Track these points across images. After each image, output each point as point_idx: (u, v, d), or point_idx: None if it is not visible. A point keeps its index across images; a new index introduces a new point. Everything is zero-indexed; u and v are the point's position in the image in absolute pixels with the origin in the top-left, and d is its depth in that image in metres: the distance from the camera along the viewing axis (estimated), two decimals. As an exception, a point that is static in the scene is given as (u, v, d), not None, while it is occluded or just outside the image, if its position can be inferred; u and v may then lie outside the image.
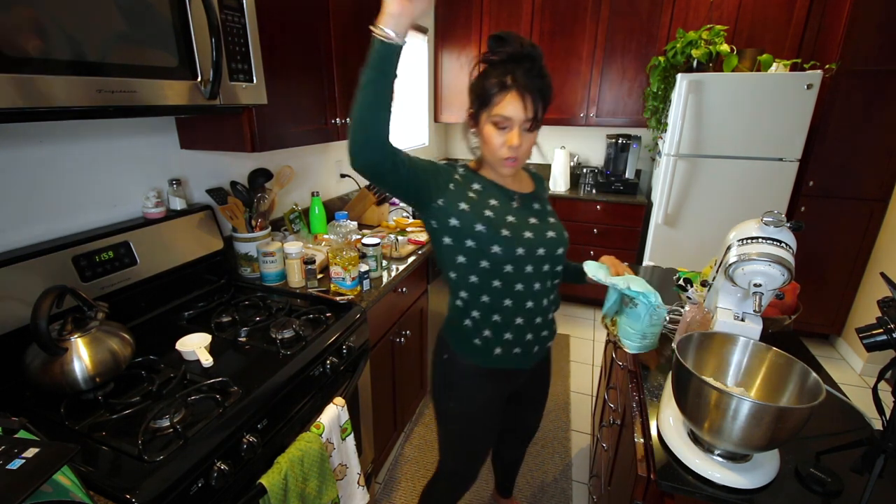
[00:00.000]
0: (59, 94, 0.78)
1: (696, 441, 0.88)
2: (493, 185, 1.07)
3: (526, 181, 1.16)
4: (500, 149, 0.98)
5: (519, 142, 0.97)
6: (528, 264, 1.03)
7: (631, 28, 2.95)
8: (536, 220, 1.08)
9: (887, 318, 0.76)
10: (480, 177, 1.07)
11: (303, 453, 1.03)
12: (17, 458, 0.58)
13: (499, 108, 0.95)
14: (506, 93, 0.94)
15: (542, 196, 1.16)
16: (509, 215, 1.03)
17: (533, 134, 1.00)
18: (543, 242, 1.05)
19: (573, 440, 2.13)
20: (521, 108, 0.94)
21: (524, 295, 1.06)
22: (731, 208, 2.66)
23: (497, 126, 0.97)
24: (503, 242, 1.00)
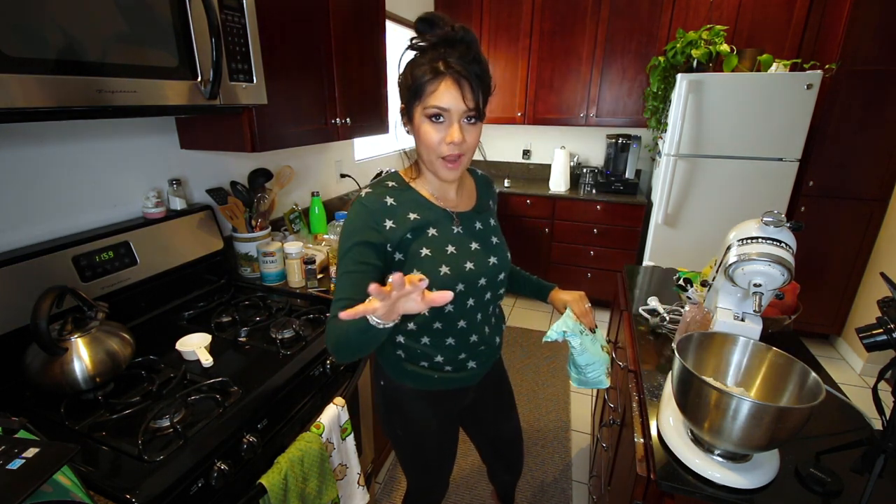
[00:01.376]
0: (60, 94, 0.78)
1: (696, 441, 0.88)
2: (429, 207, 0.94)
3: (468, 189, 1.04)
4: (438, 146, 0.85)
5: (461, 136, 0.83)
6: (468, 298, 0.95)
7: (631, 28, 2.95)
8: (478, 244, 0.97)
9: (887, 318, 0.76)
10: (415, 197, 0.94)
11: (303, 453, 1.03)
12: (17, 458, 0.58)
13: (433, 98, 0.82)
14: (439, 80, 0.81)
15: (485, 209, 1.04)
16: (450, 244, 0.93)
17: (476, 127, 0.87)
18: (486, 271, 0.96)
19: (573, 440, 2.13)
20: (458, 97, 0.81)
21: (466, 328, 0.98)
22: (731, 208, 2.66)
23: (433, 120, 0.84)
24: (441, 283, 0.88)
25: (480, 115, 0.85)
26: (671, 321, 1.36)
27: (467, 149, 0.87)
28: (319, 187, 2.24)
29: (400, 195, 0.93)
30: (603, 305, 3.42)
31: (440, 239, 0.92)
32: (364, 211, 0.88)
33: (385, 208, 0.89)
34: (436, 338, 0.98)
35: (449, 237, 0.94)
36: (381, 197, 0.91)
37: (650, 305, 1.43)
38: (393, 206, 0.90)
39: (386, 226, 0.88)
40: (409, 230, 0.90)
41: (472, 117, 0.85)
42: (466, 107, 0.82)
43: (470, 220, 0.99)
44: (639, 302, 1.53)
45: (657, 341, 1.30)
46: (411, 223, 0.90)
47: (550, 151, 3.62)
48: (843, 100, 2.43)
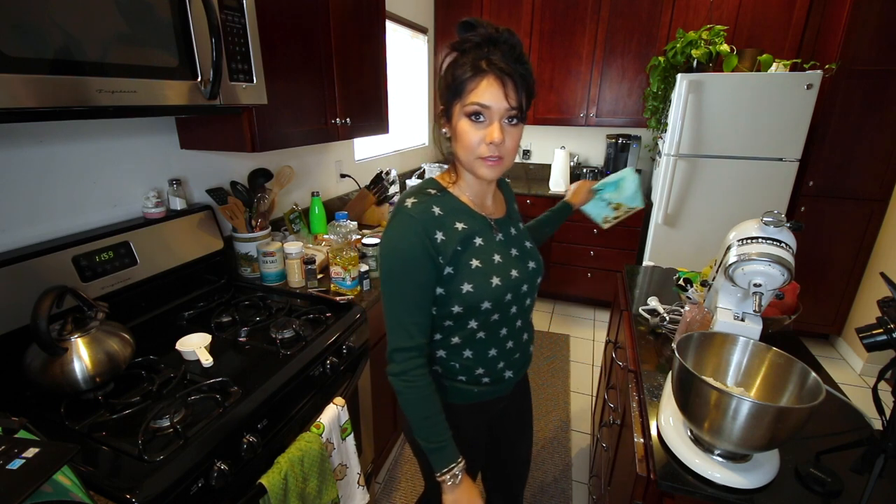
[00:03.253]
0: (60, 94, 0.78)
1: (696, 441, 0.88)
2: (472, 216, 0.91)
3: (499, 196, 1.02)
4: (477, 147, 0.81)
5: (501, 136, 0.79)
6: (513, 306, 0.93)
7: (631, 28, 2.95)
8: (517, 250, 0.96)
9: (887, 318, 0.76)
10: (457, 205, 0.90)
11: (303, 453, 1.03)
12: (17, 458, 0.58)
13: (474, 95, 0.79)
14: (481, 77, 0.78)
15: (514, 214, 1.03)
16: (496, 254, 0.91)
17: (517, 129, 0.83)
18: (527, 276, 0.94)
19: (573, 440, 2.13)
20: (500, 94, 0.78)
21: (506, 335, 0.96)
22: (731, 208, 2.66)
23: (473, 118, 0.81)
24: (493, 295, 0.88)
25: (522, 116, 0.82)
26: (671, 321, 1.36)
27: (507, 151, 0.82)
28: (319, 187, 2.24)
29: (444, 203, 0.88)
30: (603, 305, 3.42)
31: (487, 248, 0.90)
32: (413, 223, 0.84)
33: (434, 218, 0.85)
34: (479, 349, 0.95)
35: (493, 246, 0.91)
36: (428, 207, 0.86)
37: (650, 305, 1.43)
38: (441, 216, 0.86)
39: (437, 238, 0.84)
40: (459, 241, 0.86)
41: (513, 118, 0.81)
42: (508, 105, 0.79)
43: (506, 227, 0.97)
44: (639, 302, 1.53)
45: (657, 341, 1.31)
46: (459, 234, 0.87)
47: (550, 151, 3.62)
48: (842, 100, 2.43)
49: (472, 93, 0.79)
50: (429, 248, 0.83)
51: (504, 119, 0.80)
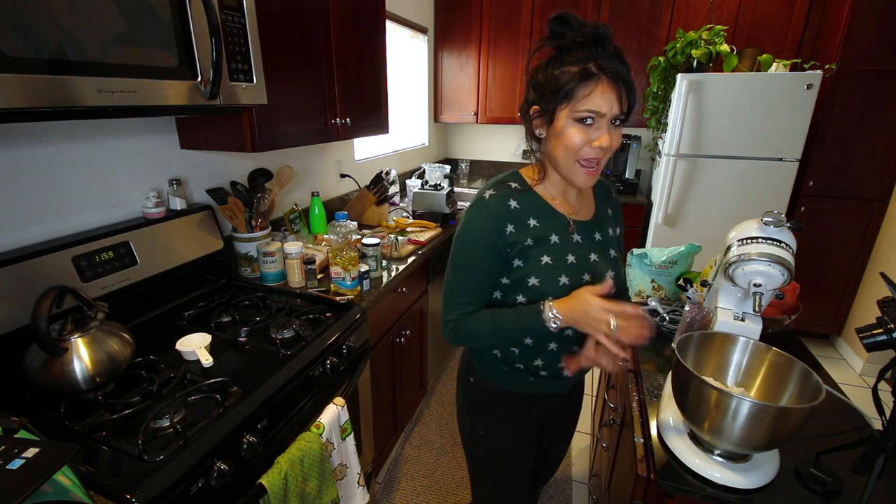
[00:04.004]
0: (60, 94, 0.78)
1: (696, 441, 0.88)
2: (550, 213, 0.92)
3: (588, 198, 1.01)
4: (581, 149, 0.82)
5: (609, 140, 0.81)
6: None
7: (631, 28, 2.95)
8: (597, 255, 0.95)
9: (887, 318, 0.76)
10: (537, 201, 0.92)
11: (303, 453, 1.03)
12: (17, 458, 0.58)
13: (586, 101, 0.78)
14: (595, 82, 0.77)
15: (603, 219, 1.00)
16: (570, 253, 0.91)
17: (619, 130, 0.83)
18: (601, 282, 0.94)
19: (573, 440, 2.13)
20: (614, 100, 0.78)
21: (570, 336, 0.96)
22: (731, 208, 2.66)
23: (582, 122, 0.81)
24: (559, 293, 0.88)
25: (627, 119, 0.83)
26: (671, 321, 1.36)
27: (606, 154, 0.84)
28: (319, 187, 2.24)
29: (522, 198, 0.90)
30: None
31: (561, 247, 0.91)
32: (486, 214, 0.88)
33: (508, 212, 0.88)
34: (539, 340, 0.95)
35: (569, 246, 0.92)
36: (505, 200, 0.89)
37: (650, 305, 1.43)
38: (516, 209, 0.89)
39: (507, 230, 0.88)
40: (531, 236, 0.89)
41: (620, 120, 0.82)
42: (621, 110, 0.80)
43: (589, 230, 0.96)
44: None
45: (657, 341, 1.30)
46: (531, 230, 0.89)
47: (550, 151, 3.61)
48: (843, 100, 2.43)
49: (585, 98, 0.78)
50: (495, 238, 0.88)
51: (611, 121, 0.81)
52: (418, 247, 1.97)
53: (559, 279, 0.89)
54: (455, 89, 3.49)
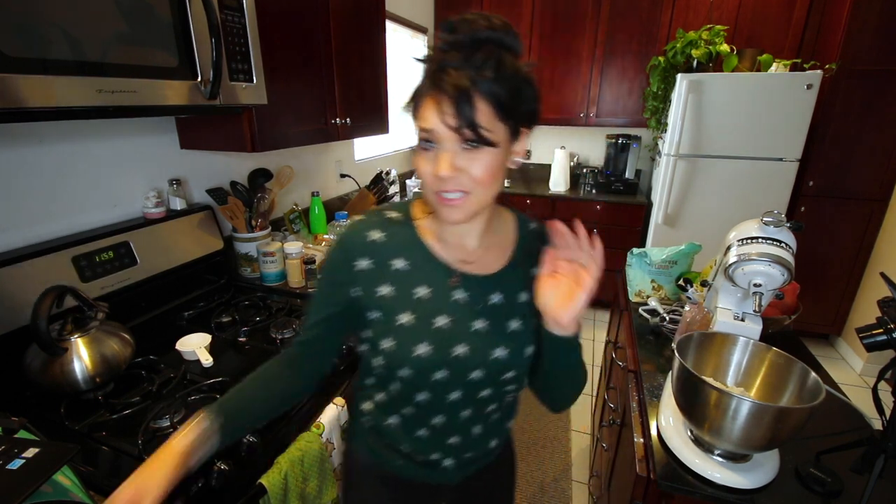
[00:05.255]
0: (60, 94, 0.78)
1: (696, 441, 0.88)
2: (426, 257, 0.71)
3: (501, 244, 0.75)
4: (429, 180, 0.63)
5: (448, 167, 0.59)
6: (453, 390, 0.71)
7: (631, 28, 2.95)
8: (486, 324, 0.71)
9: (887, 318, 0.76)
10: (413, 238, 0.72)
11: (303, 453, 1.03)
12: (17, 458, 0.58)
13: (421, 119, 0.62)
14: (423, 96, 0.62)
15: (517, 277, 0.74)
16: (442, 314, 0.69)
17: (484, 155, 0.60)
18: (485, 363, 0.70)
19: (573, 440, 2.13)
20: (451, 115, 0.58)
21: (445, 424, 0.75)
22: (731, 208, 2.66)
23: (424, 145, 0.63)
24: (414, 365, 0.68)
25: (484, 138, 0.59)
26: (671, 321, 1.36)
27: (470, 184, 0.61)
28: (319, 187, 2.24)
29: (394, 230, 0.71)
30: (603, 305, 3.41)
31: (431, 304, 0.69)
32: (338, 242, 0.72)
33: (364, 243, 0.70)
34: (406, 424, 0.76)
35: (444, 304, 0.70)
36: (367, 228, 0.71)
37: (650, 305, 1.43)
38: (377, 243, 0.70)
39: (357, 266, 0.69)
40: (392, 282, 0.69)
41: (471, 141, 0.59)
42: (447, 125, 0.58)
43: (483, 288, 0.72)
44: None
45: (657, 341, 1.30)
46: (394, 274, 0.69)
47: (550, 151, 3.62)
48: (843, 100, 2.43)
49: (421, 116, 0.62)
50: (341, 273, 0.70)
51: (458, 144, 0.60)
52: (418, 247, 1.96)
53: (414, 348, 0.67)
54: (455, 89, 3.49)
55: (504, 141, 0.62)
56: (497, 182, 0.64)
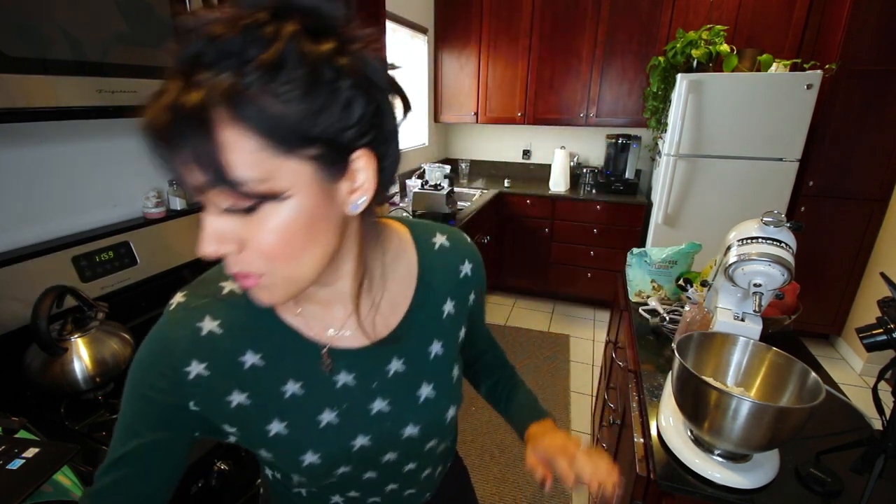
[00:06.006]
0: (59, 94, 0.78)
1: (696, 441, 0.88)
2: (288, 338, 0.51)
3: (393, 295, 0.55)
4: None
5: (214, 244, 0.39)
6: (365, 472, 0.58)
7: (631, 28, 2.95)
8: (387, 402, 0.55)
9: (887, 318, 0.76)
10: (263, 318, 0.50)
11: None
12: (17, 458, 0.58)
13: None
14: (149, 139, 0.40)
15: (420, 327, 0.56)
16: (324, 411, 0.52)
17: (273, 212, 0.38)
18: (395, 444, 0.57)
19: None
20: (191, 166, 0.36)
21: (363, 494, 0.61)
22: (731, 208, 2.66)
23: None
24: (308, 472, 0.53)
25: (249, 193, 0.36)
26: (671, 321, 1.36)
27: (260, 263, 0.40)
28: (319, 187, 2.24)
29: (237, 313, 0.50)
30: (603, 305, 3.42)
31: (306, 402, 0.52)
32: (157, 343, 0.51)
33: (196, 340, 0.49)
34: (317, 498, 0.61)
35: (325, 397, 0.53)
36: (196, 316, 0.50)
37: (650, 305, 1.43)
38: (214, 336, 0.48)
39: (189, 373, 0.48)
40: (240, 386, 0.50)
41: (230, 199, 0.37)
42: (191, 182, 0.37)
43: (376, 360, 0.55)
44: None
45: (657, 341, 1.30)
46: (244, 374, 0.49)
47: (550, 151, 3.62)
48: (843, 100, 2.43)
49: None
50: (165, 386, 0.48)
51: (223, 204, 0.38)
52: (418, 247, 1.96)
53: (300, 458, 0.52)
54: (455, 89, 3.49)
55: (308, 182, 0.38)
56: (315, 248, 0.41)
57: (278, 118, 0.35)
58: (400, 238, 0.57)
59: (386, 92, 0.43)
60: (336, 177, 0.41)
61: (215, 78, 0.34)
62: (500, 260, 3.48)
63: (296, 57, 0.36)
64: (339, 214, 0.43)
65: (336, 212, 0.42)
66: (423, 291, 0.57)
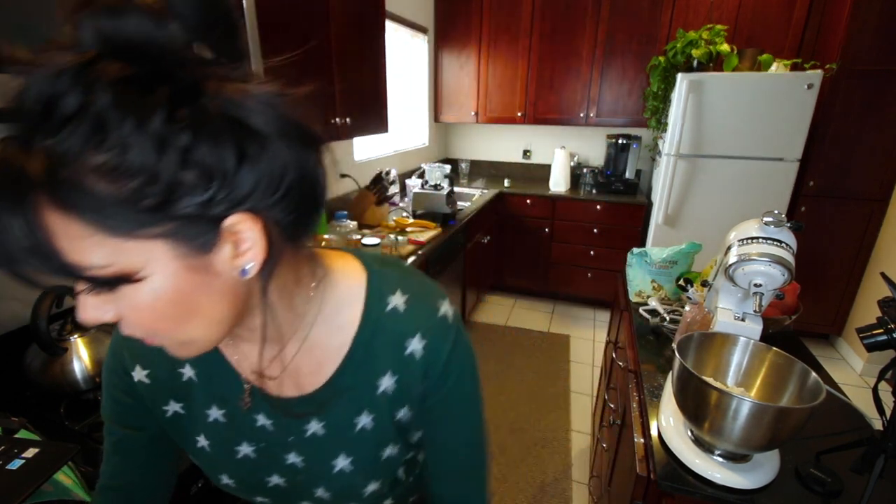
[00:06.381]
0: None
1: (696, 441, 0.88)
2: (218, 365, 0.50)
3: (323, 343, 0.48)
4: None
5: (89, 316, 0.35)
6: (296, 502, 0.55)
7: (631, 28, 2.95)
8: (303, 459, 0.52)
9: (887, 318, 0.76)
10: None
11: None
12: (17, 458, 0.58)
13: None
14: None
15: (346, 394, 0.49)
16: (244, 442, 0.52)
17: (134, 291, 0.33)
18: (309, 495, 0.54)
19: (573, 440, 2.13)
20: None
21: None
22: (731, 208, 2.66)
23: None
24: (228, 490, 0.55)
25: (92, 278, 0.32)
26: (671, 321, 1.36)
27: (143, 331, 0.37)
28: (319, 187, 2.24)
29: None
30: (603, 305, 3.42)
31: (227, 429, 0.52)
32: (111, 345, 0.53)
33: (140, 347, 0.50)
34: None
35: (244, 430, 0.52)
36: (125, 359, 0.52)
37: (650, 305, 1.43)
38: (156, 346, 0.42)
39: (134, 376, 0.51)
40: (176, 395, 0.52)
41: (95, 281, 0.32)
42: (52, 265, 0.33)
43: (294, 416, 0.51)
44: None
45: (657, 341, 1.30)
46: (182, 385, 0.51)
47: (550, 151, 3.62)
48: (843, 100, 2.43)
49: None
50: (122, 383, 0.52)
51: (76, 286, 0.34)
52: (418, 247, 1.97)
53: (219, 476, 0.54)
54: (455, 89, 3.49)
55: (166, 260, 0.33)
56: (200, 318, 0.37)
57: (102, 199, 0.29)
58: (349, 289, 0.49)
59: (273, 138, 0.33)
60: (206, 248, 0.34)
61: (25, 153, 0.28)
62: (500, 260, 3.48)
63: (116, 117, 0.28)
64: (227, 281, 0.37)
65: (220, 280, 0.36)
66: (359, 357, 0.48)
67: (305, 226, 0.40)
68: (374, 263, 0.51)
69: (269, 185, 0.34)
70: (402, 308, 0.49)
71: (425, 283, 0.53)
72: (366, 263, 0.51)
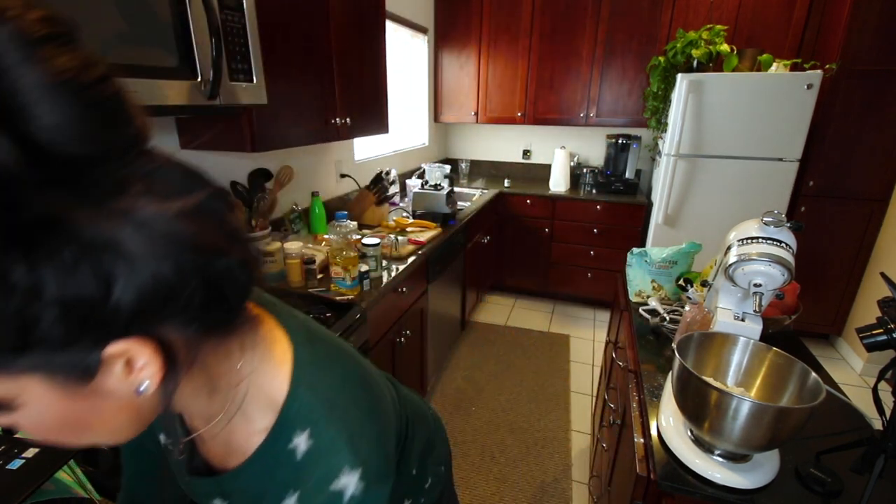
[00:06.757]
0: (60, 94, 0.78)
1: (696, 441, 0.88)
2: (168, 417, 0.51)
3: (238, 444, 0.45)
4: None
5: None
6: None
7: (631, 28, 2.95)
8: None
9: (887, 318, 0.76)
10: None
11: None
12: (17, 458, 0.58)
13: None
14: None
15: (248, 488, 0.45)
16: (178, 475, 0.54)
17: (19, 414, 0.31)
18: None
19: (573, 440, 2.13)
20: None
21: None
22: (731, 208, 2.66)
23: None
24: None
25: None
26: (671, 321, 1.36)
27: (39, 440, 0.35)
28: (319, 187, 2.24)
29: None
30: (603, 305, 3.42)
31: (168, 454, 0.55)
32: None
33: None
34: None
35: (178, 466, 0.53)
36: None
37: (650, 305, 1.43)
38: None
39: None
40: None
41: None
42: None
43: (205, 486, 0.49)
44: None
45: (657, 341, 1.30)
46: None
47: (550, 151, 3.62)
48: (843, 100, 2.43)
49: None
50: None
51: None
52: (418, 247, 1.96)
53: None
54: (455, 89, 3.49)
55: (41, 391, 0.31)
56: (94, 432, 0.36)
57: None
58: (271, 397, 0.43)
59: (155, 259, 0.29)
60: (87, 376, 0.31)
61: None
62: (500, 260, 3.48)
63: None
64: (123, 398, 0.34)
65: (114, 398, 0.34)
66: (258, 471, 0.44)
67: (226, 320, 0.38)
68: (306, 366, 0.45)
69: (158, 304, 0.31)
70: (298, 456, 0.42)
71: (349, 425, 0.43)
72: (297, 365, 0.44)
